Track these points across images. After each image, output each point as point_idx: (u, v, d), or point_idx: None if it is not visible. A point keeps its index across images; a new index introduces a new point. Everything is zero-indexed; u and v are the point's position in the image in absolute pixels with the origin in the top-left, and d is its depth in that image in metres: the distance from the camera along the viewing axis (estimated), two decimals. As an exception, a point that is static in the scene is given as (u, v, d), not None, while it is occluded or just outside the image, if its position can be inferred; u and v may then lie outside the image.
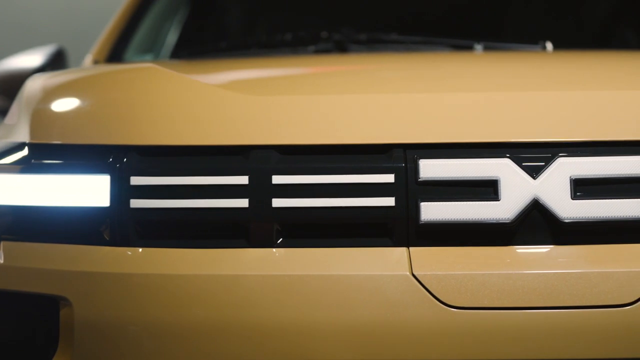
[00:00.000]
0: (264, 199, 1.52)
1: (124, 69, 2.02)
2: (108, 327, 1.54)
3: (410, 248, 1.51)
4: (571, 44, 2.80)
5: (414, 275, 1.48)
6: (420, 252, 1.50)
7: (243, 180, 1.53)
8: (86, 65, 2.74)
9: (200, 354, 1.50)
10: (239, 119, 1.57)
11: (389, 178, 1.52)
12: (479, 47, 2.34)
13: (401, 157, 1.52)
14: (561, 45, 2.49)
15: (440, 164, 1.51)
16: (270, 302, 1.49)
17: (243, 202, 1.53)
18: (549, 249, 1.50)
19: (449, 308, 1.47)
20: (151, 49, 3.01)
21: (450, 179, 1.51)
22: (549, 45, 2.41)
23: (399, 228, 1.51)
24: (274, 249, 1.52)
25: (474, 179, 1.51)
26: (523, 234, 1.51)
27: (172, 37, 3.27)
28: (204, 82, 1.70)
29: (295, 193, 1.52)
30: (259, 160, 1.54)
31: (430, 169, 1.51)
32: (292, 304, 1.49)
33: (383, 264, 1.50)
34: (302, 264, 1.51)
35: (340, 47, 2.43)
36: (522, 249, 1.50)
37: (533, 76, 1.79)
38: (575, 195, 1.50)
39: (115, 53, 2.74)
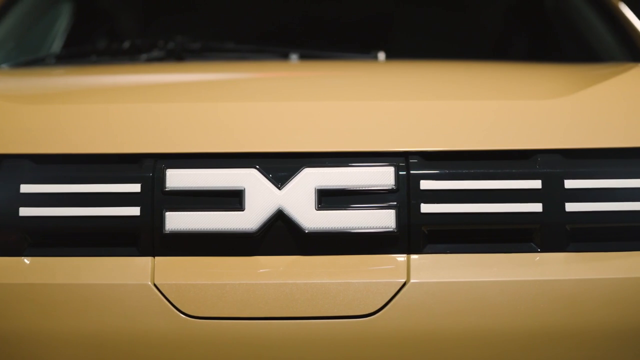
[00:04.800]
0: (12, 207, 1.52)
1: None
2: None
3: (156, 258, 1.50)
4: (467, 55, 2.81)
5: (155, 285, 1.48)
6: (164, 262, 1.50)
7: None
8: None
9: None
10: None
11: (135, 187, 1.51)
12: (294, 57, 2.35)
13: (150, 166, 1.52)
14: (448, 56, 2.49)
15: (187, 174, 1.51)
16: (14, 311, 1.49)
17: None
18: (292, 259, 1.50)
19: (188, 318, 1.47)
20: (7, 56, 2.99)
21: (196, 188, 1.51)
22: (381, 55, 2.42)
23: (144, 237, 1.51)
24: (23, 258, 1.52)
25: (220, 189, 1.51)
26: (267, 244, 1.51)
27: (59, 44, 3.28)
28: None
29: (44, 202, 1.52)
30: (9, 169, 1.53)
31: (177, 178, 1.51)
32: (35, 313, 1.48)
33: (127, 273, 1.49)
34: (47, 272, 1.50)
35: (177, 55, 2.43)
36: (265, 259, 1.50)
37: (298, 86, 1.80)
38: (319, 206, 1.50)
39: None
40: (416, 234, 1.50)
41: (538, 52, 3.22)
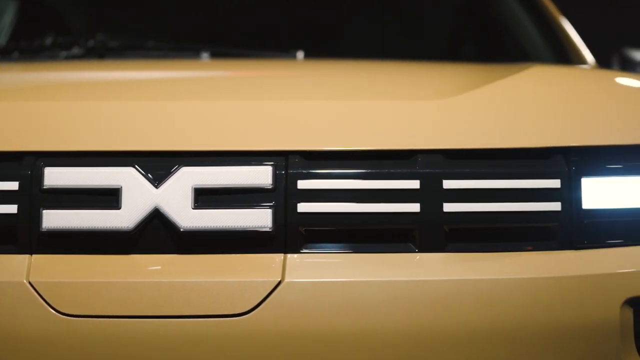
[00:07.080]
0: None
1: None
2: None
3: (33, 255, 1.51)
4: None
5: (30, 283, 1.48)
6: (41, 260, 1.50)
7: None
8: None
9: None
10: None
11: (14, 185, 1.52)
12: (204, 55, 2.35)
13: (30, 164, 1.52)
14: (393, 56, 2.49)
15: (65, 172, 1.52)
16: None
17: None
18: (168, 258, 1.51)
19: (62, 316, 1.47)
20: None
21: (74, 187, 1.51)
22: (300, 54, 2.42)
23: (21, 235, 1.51)
24: None
25: (98, 187, 1.51)
26: (144, 243, 1.51)
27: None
28: None
29: None
30: None
31: (55, 176, 1.52)
32: None
33: (2, 271, 1.49)
34: None
35: (97, 53, 2.43)
36: (141, 258, 1.51)
37: (184, 85, 1.80)
38: (195, 205, 1.50)
39: None
40: (293, 234, 1.51)
41: (485, 53, 3.23)
